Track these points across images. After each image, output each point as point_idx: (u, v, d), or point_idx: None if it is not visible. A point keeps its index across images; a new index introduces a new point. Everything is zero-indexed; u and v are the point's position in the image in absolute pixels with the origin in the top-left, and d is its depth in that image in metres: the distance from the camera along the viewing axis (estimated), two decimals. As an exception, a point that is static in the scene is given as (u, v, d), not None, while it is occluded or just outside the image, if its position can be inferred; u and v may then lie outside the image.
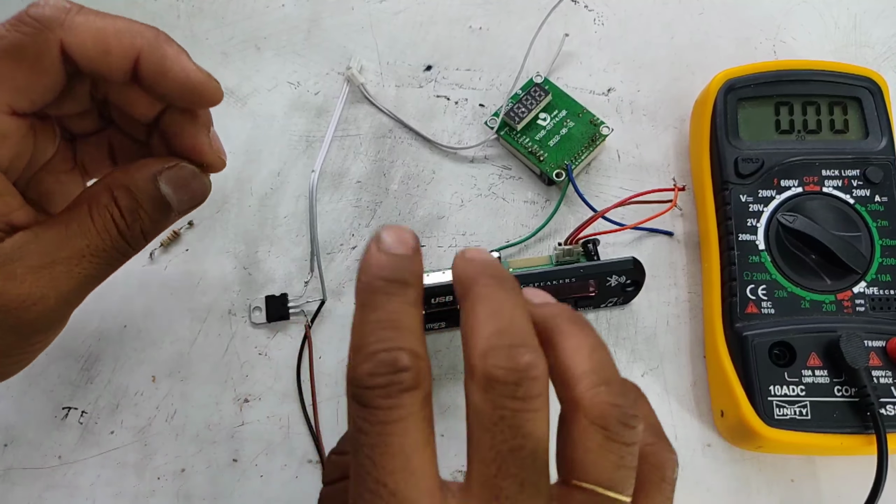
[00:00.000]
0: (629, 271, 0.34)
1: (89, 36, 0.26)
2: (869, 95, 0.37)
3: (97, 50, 0.26)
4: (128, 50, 0.27)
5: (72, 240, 0.27)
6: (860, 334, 0.33)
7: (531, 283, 0.34)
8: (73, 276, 0.27)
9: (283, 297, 0.38)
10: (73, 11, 0.26)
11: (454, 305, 0.34)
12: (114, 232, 0.28)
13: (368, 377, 0.20)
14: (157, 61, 0.27)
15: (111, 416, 0.37)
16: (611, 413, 0.22)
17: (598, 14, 0.45)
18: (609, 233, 0.37)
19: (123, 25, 0.27)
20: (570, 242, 0.37)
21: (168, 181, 0.29)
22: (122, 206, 0.28)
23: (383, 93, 0.43)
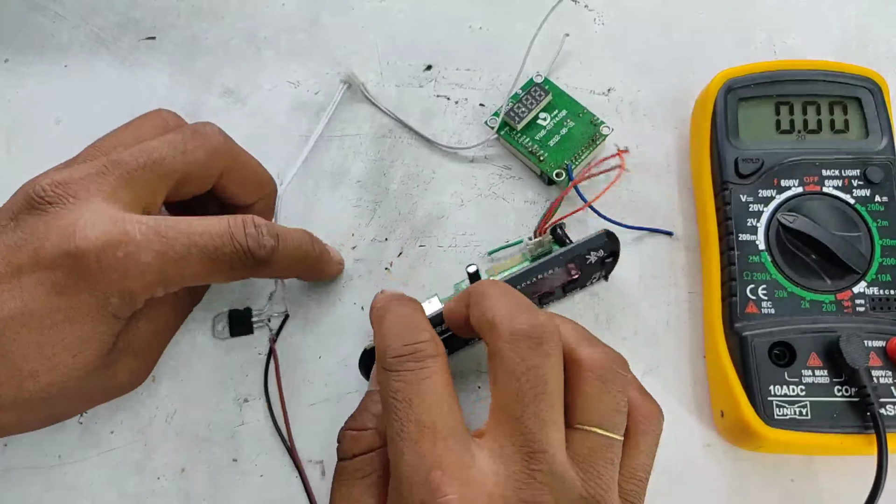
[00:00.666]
0: (605, 244, 0.35)
1: (280, 270, 0.33)
2: (869, 95, 0.37)
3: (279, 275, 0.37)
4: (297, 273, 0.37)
5: (165, 313, 0.34)
6: (860, 334, 0.33)
7: (519, 284, 0.34)
8: (167, 342, 0.36)
9: (247, 311, 0.38)
10: (277, 249, 0.32)
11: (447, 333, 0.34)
12: (189, 301, 0.37)
13: (399, 349, 0.27)
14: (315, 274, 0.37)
15: (111, 416, 0.37)
16: (607, 366, 0.27)
17: (598, 14, 0.45)
18: (571, 214, 0.38)
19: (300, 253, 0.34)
20: (538, 234, 0.37)
21: None
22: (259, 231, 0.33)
23: (383, 93, 0.43)
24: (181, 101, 0.43)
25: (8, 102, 0.44)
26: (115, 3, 0.47)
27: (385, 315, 0.29)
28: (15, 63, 0.45)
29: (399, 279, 0.39)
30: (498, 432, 0.25)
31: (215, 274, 0.30)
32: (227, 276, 0.31)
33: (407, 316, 0.29)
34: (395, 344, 0.27)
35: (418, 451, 0.24)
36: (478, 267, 0.36)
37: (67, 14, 0.46)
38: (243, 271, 0.31)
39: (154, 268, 0.29)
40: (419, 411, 0.25)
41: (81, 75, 0.45)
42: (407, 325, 0.28)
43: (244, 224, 0.31)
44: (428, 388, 0.26)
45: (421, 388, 0.26)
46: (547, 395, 0.25)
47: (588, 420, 0.26)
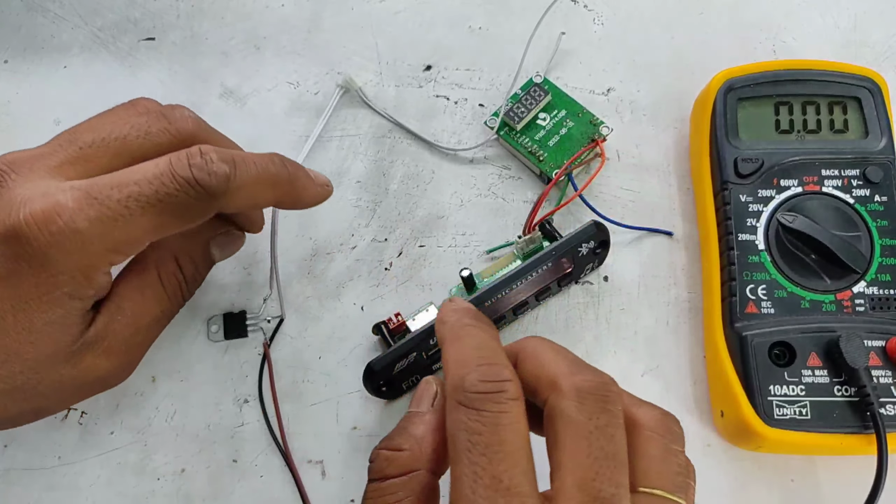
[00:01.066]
0: (594, 235, 0.35)
1: (244, 199, 0.29)
2: (869, 95, 0.37)
3: (246, 207, 0.30)
4: (270, 200, 0.31)
5: (150, 308, 0.31)
6: (860, 334, 0.33)
7: (513, 284, 0.34)
8: (151, 338, 0.32)
9: (241, 314, 0.38)
10: (234, 176, 0.28)
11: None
12: (179, 296, 0.32)
13: (479, 383, 0.24)
14: (292, 201, 0.32)
15: (111, 416, 0.37)
16: (668, 426, 0.25)
17: (598, 14, 0.45)
18: (558, 209, 0.38)
19: (268, 177, 0.30)
20: (527, 231, 0.37)
21: (218, 246, 0.34)
22: (187, 274, 0.32)
23: (383, 93, 0.43)
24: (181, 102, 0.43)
25: (8, 103, 0.44)
26: (114, 4, 0.47)
27: (462, 338, 0.26)
28: (15, 63, 0.45)
29: (399, 279, 0.39)
30: (569, 496, 0.23)
31: (169, 222, 0.27)
32: (184, 221, 0.28)
33: (488, 345, 0.25)
34: (475, 377, 0.24)
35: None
36: (471, 271, 0.36)
37: (67, 14, 0.46)
38: (200, 210, 0.28)
39: (95, 234, 0.26)
40: (496, 464, 0.22)
41: (81, 75, 0.45)
42: (489, 357, 0.25)
43: (188, 156, 0.27)
44: (509, 436, 0.23)
45: (502, 436, 0.23)
46: (618, 455, 0.23)
47: (653, 483, 0.24)
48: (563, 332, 0.38)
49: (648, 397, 0.36)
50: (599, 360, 0.37)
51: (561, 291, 0.38)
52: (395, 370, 0.33)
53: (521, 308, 0.37)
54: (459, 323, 0.27)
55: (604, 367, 0.37)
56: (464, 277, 0.36)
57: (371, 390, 0.34)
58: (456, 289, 0.37)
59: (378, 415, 0.37)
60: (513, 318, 0.37)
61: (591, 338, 0.38)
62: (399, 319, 0.35)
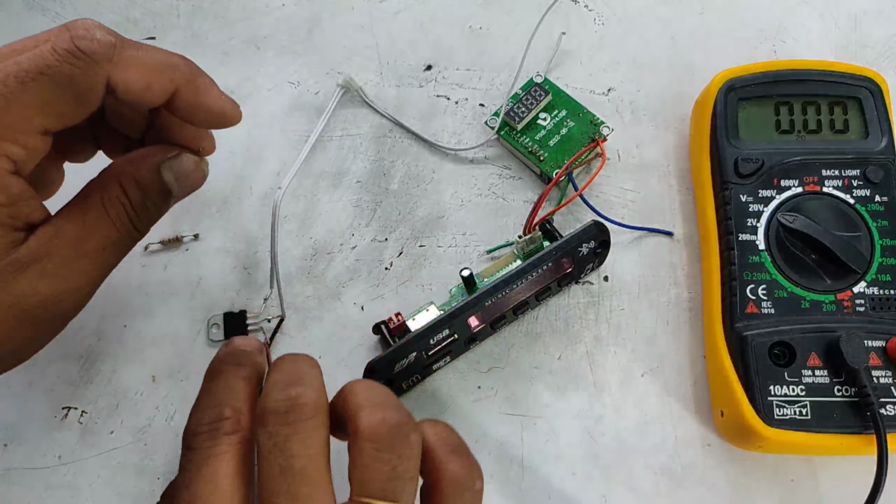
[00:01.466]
0: (595, 235, 0.35)
1: (133, 72, 0.27)
2: (869, 95, 0.37)
3: (139, 85, 0.27)
4: (167, 85, 0.28)
5: (92, 232, 0.28)
6: (860, 334, 0.33)
7: (514, 284, 0.34)
8: (98, 266, 0.29)
9: (241, 314, 0.38)
10: (120, 47, 0.27)
11: (454, 337, 0.34)
12: (126, 222, 0.29)
13: (196, 426, 0.26)
14: (191, 94, 0.29)
15: (111, 416, 0.37)
16: (379, 429, 0.25)
17: (598, 14, 0.45)
18: (559, 208, 0.38)
19: (163, 59, 0.28)
20: (528, 231, 0.37)
21: (171, 171, 0.30)
22: (132, 198, 0.29)
23: (383, 93, 0.43)
24: (181, 101, 0.43)
25: (8, 102, 0.44)
26: (114, 4, 0.47)
27: (209, 379, 0.28)
28: (15, 63, 0.45)
29: (399, 279, 0.39)
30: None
31: (56, 97, 0.26)
32: (72, 95, 0.26)
33: (225, 385, 0.28)
34: (196, 417, 0.26)
35: None
36: (471, 271, 0.36)
37: (67, 14, 0.46)
38: (86, 80, 0.26)
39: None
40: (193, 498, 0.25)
41: (81, 75, 0.45)
42: (220, 398, 0.27)
43: (69, 28, 0.26)
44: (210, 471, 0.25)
45: (204, 472, 0.25)
46: (295, 468, 0.24)
47: (363, 491, 0.24)
48: (563, 332, 0.38)
49: (648, 397, 0.36)
50: (599, 360, 0.37)
51: (561, 291, 0.38)
52: (395, 370, 0.33)
53: (522, 308, 0.37)
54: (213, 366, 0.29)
55: (604, 367, 0.37)
56: (464, 277, 0.36)
57: None
58: (456, 288, 0.37)
59: (378, 415, 0.37)
60: (513, 317, 0.37)
61: (591, 338, 0.38)
62: (399, 319, 0.35)
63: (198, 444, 0.26)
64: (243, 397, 0.27)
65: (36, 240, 0.27)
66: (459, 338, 0.35)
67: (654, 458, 0.35)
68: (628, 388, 0.37)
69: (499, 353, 0.37)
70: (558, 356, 0.37)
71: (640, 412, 0.36)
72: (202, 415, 0.26)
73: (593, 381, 0.37)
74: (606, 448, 0.36)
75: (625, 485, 0.35)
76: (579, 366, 0.37)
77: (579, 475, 0.35)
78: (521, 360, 0.37)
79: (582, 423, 0.36)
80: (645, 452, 0.35)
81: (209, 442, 0.26)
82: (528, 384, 0.37)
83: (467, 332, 0.35)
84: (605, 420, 0.36)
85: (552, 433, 0.36)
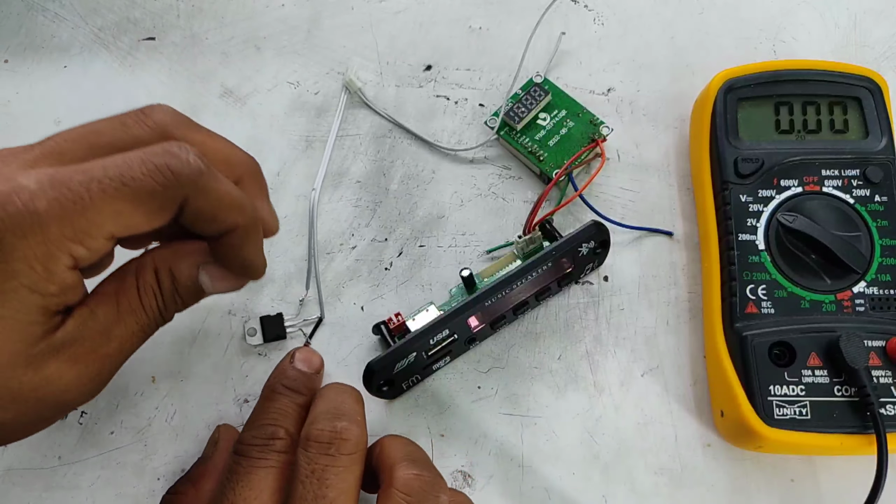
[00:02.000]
0: (595, 235, 0.35)
1: (208, 203, 0.27)
2: (869, 95, 0.37)
3: (208, 216, 0.27)
4: (229, 224, 0.28)
5: (124, 317, 0.28)
6: (860, 334, 0.33)
7: (514, 284, 0.34)
8: (122, 352, 0.29)
9: (278, 316, 0.38)
10: (205, 176, 0.27)
11: (454, 338, 0.35)
12: (155, 310, 0.29)
13: (251, 438, 0.30)
14: (241, 242, 0.29)
15: (111, 416, 0.37)
16: (413, 483, 0.28)
17: (598, 14, 0.45)
18: (559, 209, 0.38)
19: (237, 199, 0.28)
20: (527, 231, 0.37)
21: (209, 273, 0.30)
22: (164, 289, 0.29)
23: (383, 93, 0.43)
24: (181, 102, 0.43)
25: (8, 103, 0.44)
26: (114, 4, 0.47)
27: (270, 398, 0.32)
28: (15, 63, 0.45)
29: (399, 279, 0.39)
30: None
31: (132, 209, 0.26)
32: (148, 210, 0.26)
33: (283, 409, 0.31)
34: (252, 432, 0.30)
35: None
36: (471, 271, 0.36)
37: (67, 14, 0.46)
38: (166, 199, 0.26)
39: (53, 217, 0.24)
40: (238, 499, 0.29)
41: (81, 75, 0.45)
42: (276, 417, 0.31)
43: (164, 145, 0.26)
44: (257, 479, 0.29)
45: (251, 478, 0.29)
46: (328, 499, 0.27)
47: None
48: (563, 332, 0.38)
49: (648, 397, 0.36)
50: (599, 359, 0.37)
51: (561, 291, 0.38)
52: (395, 370, 0.33)
53: (522, 308, 0.37)
54: (274, 386, 0.33)
55: (604, 367, 0.37)
56: (464, 277, 0.36)
57: (371, 390, 0.34)
58: (456, 289, 0.37)
59: (379, 415, 0.37)
60: (513, 317, 0.37)
61: (591, 338, 0.38)
62: (399, 319, 0.35)
63: (250, 454, 0.29)
64: (295, 422, 0.31)
65: (73, 323, 0.27)
66: (459, 338, 0.35)
67: (654, 458, 0.35)
68: (628, 388, 0.37)
69: (499, 353, 0.37)
70: (558, 356, 0.37)
71: (640, 412, 0.36)
72: (258, 430, 0.30)
73: (593, 381, 0.37)
74: (606, 448, 0.36)
75: (625, 485, 0.35)
76: (579, 366, 0.37)
77: (579, 475, 0.35)
78: (521, 360, 0.37)
79: (582, 423, 0.36)
80: (645, 452, 0.35)
81: (259, 454, 0.29)
82: (528, 384, 0.37)
83: (467, 333, 0.35)
84: (605, 420, 0.36)
85: (552, 433, 0.36)
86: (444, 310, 0.35)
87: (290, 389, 0.32)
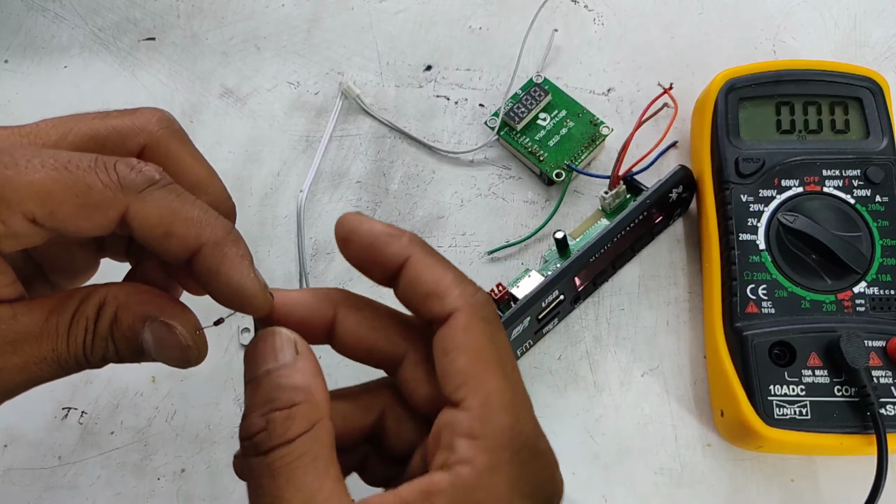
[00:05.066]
0: (682, 178, 0.36)
1: (155, 212, 0.24)
2: (870, 95, 0.37)
3: (158, 231, 0.24)
4: (190, 241, 0.24)
5: (44, 337, 0.25)
6: (860, 334, 0.33)
7: (614, 237, 0.35)
8: (25, 374, 0.25)
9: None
10: (159, 186, 0.24)
11: (560, 298, 0.35)
12: (80, 348, 0.25)
13: None
14: (215, 263, 0.25)
15: (111, 416, 0.37)
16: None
17: (598, 14, 0.45)
18: (637, 164, 0.38)
19: (197, 215, 0.25)
20: (612, 186, 0.38)
21: (153, 334, 0.26)
22: (98, 328, 0.25)
23: (383, 93, 0.43)
24: (181, 101, 0.43)
25: (8, 103, 0.44)
26: (114, 4, 0.47)
27: None
28: (15, 63, 0.45)
29: (399, 279, 0.39)
30: None
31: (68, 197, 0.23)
32: (82, 205, 0.24)
33: None
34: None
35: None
36: (564, 232, 0.37)
37: (67, 14, 0.46)
38: (104, 200, 0.24)
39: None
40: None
41: (81, 75, 0.45)
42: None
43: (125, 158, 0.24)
44: None
45: None
46: None
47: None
48: (563, 332, 0.38)
49: (648, 397, 0.36)
50: (599, 359, 0.37)
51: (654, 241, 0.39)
52: (511, 336, 0.34)
53: (620, 260, 0.38)
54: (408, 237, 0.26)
55: (604, 367, 0.37)
56: (557, 240, 0.37)
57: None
58: (549, 252, 0.38)
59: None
60: (612, 271, 0.38)
61: (591, 338, 0.38)
62: (501, 290, 0.36)
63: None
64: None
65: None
66: (566, 298, 0.36)
67: (654, 458, 0.35)
68: (628, 388, 0.37)
69: (499, 354, 0.37)
70: (558, 356, 0.37)
71: (640, 412, 0.36)
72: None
73: (593, 381, 0.37)
74: (606, 448, 0.36)
75: (625, 485, 0.35)
76: (579, 366, 0.37)
77: (579, 475, 0.35)
78: (522, 359, 0.37)
79: (582, 423, 0.36)
80: (645, 452, 0.35)
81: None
82: (528, 384, 0.36)
83: (573, 292, 0.36)
84: (605, 420, 0.36)
85: (552, 433, 0.36)
86: (543, 274, 0.36)
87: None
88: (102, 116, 0.27)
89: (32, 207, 0.23)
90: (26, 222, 0.23)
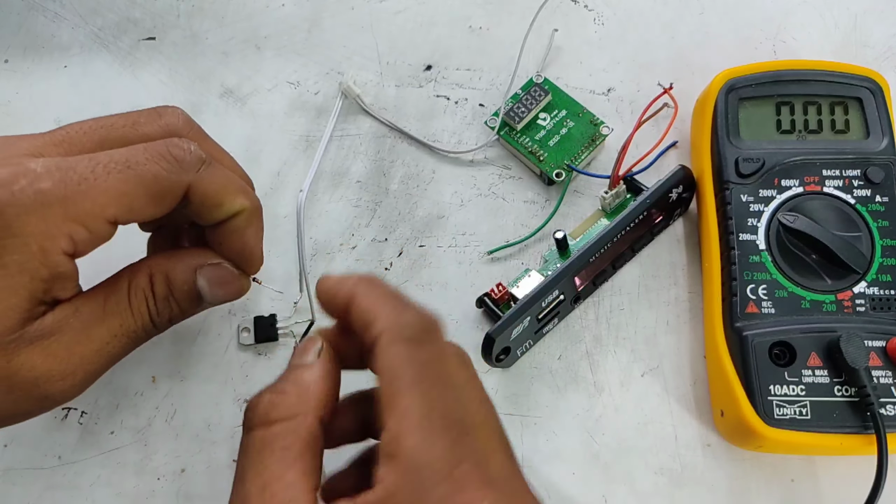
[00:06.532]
0: (682, 179, 0.36)
1: (212, 189, 0.28)
2: (870, 95, 0.37)
3: (213, 202, 0.28)
4: (235, 208, 0.29)
5: (108, 317, 0.28)
6: (860, 334, 0.33)
7: (614, 237, 0.35)
8: (103, 355, 0.28)
9: (271, 317, 0.38)
10: (206, 163, 0.28)
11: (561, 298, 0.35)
12: (145, 315, 0.29)
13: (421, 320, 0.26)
14: (242, 226, 0.30)
15: (111, 416, 0.37)
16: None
17: (598, 14, 0.45)
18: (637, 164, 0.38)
19: (240, 185, 0.29)
20: (613, 186, 0.38)
21: (206, 277, 0.30)
22: (157, 292, 0.29)
23: (383, 93, 0.43)
24: (181, 102, 0.43)
25: (8, 103, 0.44)
26: (114, 4, 0.47)
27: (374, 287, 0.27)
28: (15, 63, 0.45)
29: (399, 279, 0.39)
30: None
31: (135, 192, 0.26)
32: (151, 194, 0.26)
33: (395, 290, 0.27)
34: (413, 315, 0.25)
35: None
36: (565, 232, 0.37)
37: (67, 14, 0.46)
38: (169, 184, 0.27)
39: (56, 197, 0.24)
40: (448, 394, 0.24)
41: (81, 75, 0.45)
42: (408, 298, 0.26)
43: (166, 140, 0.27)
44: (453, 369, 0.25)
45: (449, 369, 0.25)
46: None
47: None
48: (562, 332, 0.38)
49: (648, 397, 0.36)
50: (599, 359, 0.37)
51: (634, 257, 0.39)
52: (511, 336, 0.34)
53: (620, 260, 0.38)
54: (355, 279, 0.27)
55: (604, 367, 0.37)
56: (558, 239, 0.37)
57: (490, 360, 0.34)
58: (549, 252, 0.38)
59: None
60: (612, 271, 0.38)
61: (591, 338, 0.38)
62: (502, 289, 0.36)
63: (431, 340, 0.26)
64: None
65: (52, 316, 0.26)
66: (566, 298, 0.36)
67: (654, 458, 0.35)
68: (628, 388, 0.37)
69: (499, 353, 0.37)
70: (558, 356, 0.37)
71: (640, 412, 0.36)
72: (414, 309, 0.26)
73: (593, 381, 0.37)
74: (606, 448, 0.36)
75: (625, 485, 0.35)
76: (579, 366, 0.37)
77: (579, 475, 0.35)
78: (521, 359, 0.37)
79: (582, 422, 0.36)
80: (645, 452, 0.35)
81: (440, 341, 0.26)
82: (528, 384, 0.37)
83: (573, 292, 0.36)
84: (605, 420, 0.36)
85: (552, 433, 0.36)
86: (544, 274, 0.36)
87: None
88: (131, 123, 0.29)
89: (114, 211, 0.26)
90: (108, 225, 0.26)
